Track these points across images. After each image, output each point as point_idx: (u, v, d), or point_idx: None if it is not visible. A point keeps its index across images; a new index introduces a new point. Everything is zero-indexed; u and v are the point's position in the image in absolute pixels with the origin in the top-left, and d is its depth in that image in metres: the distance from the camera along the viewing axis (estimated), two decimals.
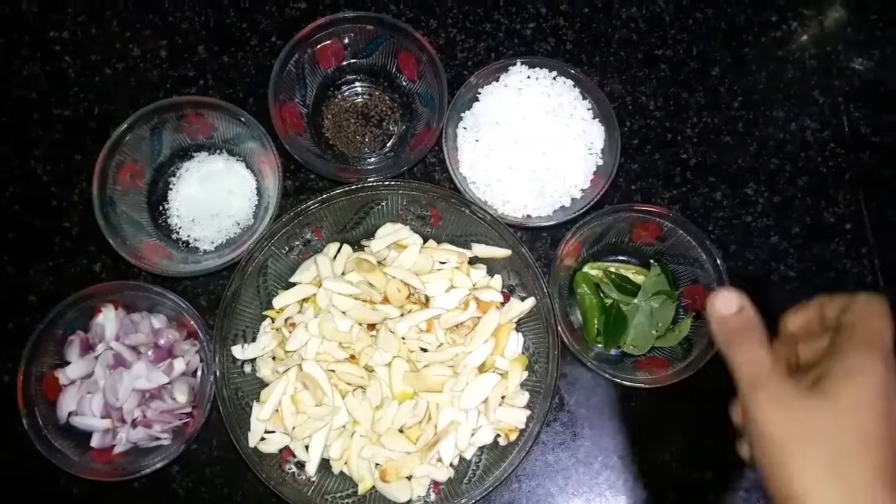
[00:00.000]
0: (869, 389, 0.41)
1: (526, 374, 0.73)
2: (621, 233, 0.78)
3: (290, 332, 0.72)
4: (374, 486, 0.71)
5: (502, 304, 0.74)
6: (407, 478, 0.71)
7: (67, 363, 0.73)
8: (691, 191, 0.83)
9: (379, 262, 0.75)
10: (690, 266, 0.76)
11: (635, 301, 0.77)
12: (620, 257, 0.80)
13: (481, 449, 0.73)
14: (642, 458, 0.78)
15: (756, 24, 0.87)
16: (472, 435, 0.71)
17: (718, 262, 0.73)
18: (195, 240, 0.79)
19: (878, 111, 0.86)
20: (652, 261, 0.78)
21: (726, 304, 0.44)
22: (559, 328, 0.72)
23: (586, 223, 0.74)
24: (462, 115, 0.79)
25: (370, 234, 0.78)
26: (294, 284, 0.75)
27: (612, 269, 0.78)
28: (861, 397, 0.41)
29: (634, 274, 0.79)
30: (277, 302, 0.74)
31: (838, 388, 0.41)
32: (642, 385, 0.73)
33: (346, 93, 0.83)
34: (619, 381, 0.73)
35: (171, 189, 0.79)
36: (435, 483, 0.72)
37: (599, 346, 0.77)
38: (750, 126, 0.85)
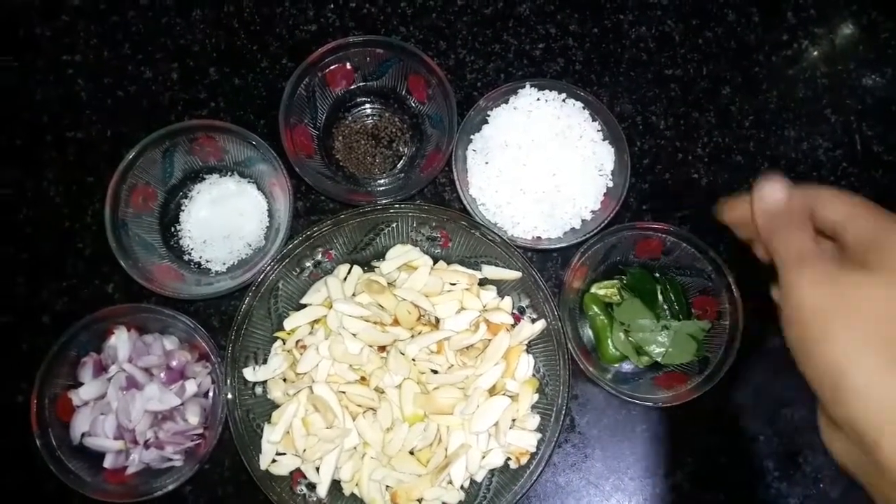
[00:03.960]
0: None
1: (536, 396, 0.73)
2: (625, 251, 0.78)
3: (301, 354, 0.73)
4: None
5: (513, 326, 0.74)
6: (417, 500, 0.71)
7: (80, 384, 0.73)
8: (702, 210, 0.83)
9: (389, 284, 0.75)
10: (698, 277, 0.76)
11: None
12: (624, 276, 0.80)
13: (492, 472, 0.73)
14: (654, 479, 0.78)
15: (767, 43, 0.87)
16: (483, 458, 0.71)
17: (724, 269, 0.73)
18: (207, 261, 0.79)
19: (890, 129, 0.85)
20: (624, 292, 0.77)
21: (773, 191, 0.44)
22: (572, 351, 0.72)
23: (590, 246, 0.74)
24: (472, 137, 0.79)
25: (380, 256, 0.78)
26: (305, 306, 0.76)
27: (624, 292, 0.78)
28: None
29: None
30: (288, 324, 0.74)
31: (886, 260, 0.40)
32: (662, 404, 0.73)
33: (357, 115, 0.83)
34: (637, 401, 0.72)
35: (182, 211, 0.80)
36: None
37: (615, 366, 0.77)
38: (761, 145, 0.85)
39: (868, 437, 0.38)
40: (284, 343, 0.74)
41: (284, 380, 0.73)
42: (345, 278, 0.76)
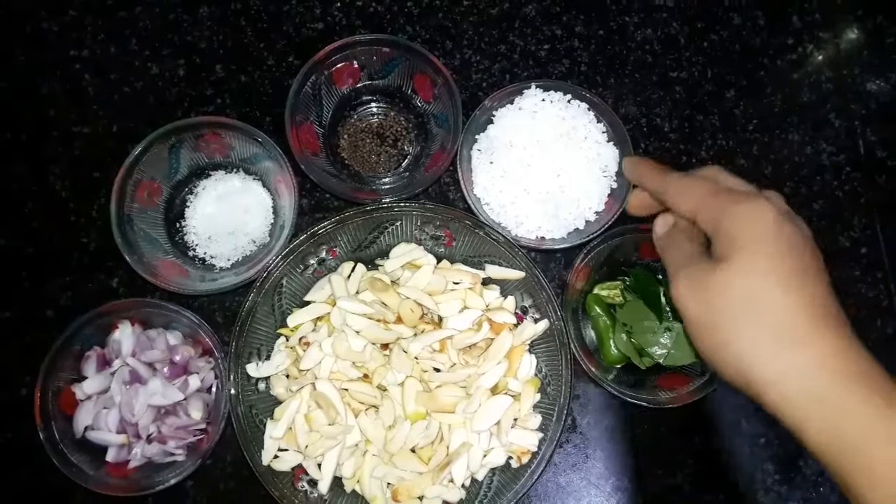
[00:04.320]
0: (755, 241, 0.43)
1: (538, 396, 0.74)
2: (629, 252, 0.78)
3: (304, 351, 0.73)
4: None
5: (515, 325, 0.74)
6: (419, 498, 0.71)
7: (84, 378, 0.73)
8: None
9: (393, 282, 0.76)
10: None
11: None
12: (627, 278, 0.80)
13: (493, 470, 0.73)
14: (654, 480, 0.78)
15: (771, 47, 0.87)
16: (485, 456, 0.72)
17: None
18: (211, 257, 0.79)
19: (894, 134, 0.85)
20: (627, 293, 0.78)
21: (662, 224, 0.52)
22: (575, 352, 0.72)
23: (593, 247, 0.75)
24: (476, 137, 0.79)
25: (384, 254, 0.78)
26: (308, 303, 0.76)
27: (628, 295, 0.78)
28: (749, 258, 0.43)
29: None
30: (292, 320, 0.74)
31: (728, 248, 0.44)
32: (664, 406, 0.73)
33: (362, 113, 0.84)
34: (639, 402, 0.72)
35: (188, 207, 0.80)
36: None
37: (618, 367, 0.77)
38: (765, 149, 0.85)
39: (789, 421, 0.42)
40: (288, 340, 0.75)
41: (287, 376, 0.74)
42: (348, 276, 0.77)
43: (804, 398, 0.41)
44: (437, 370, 0.73)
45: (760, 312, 0.42)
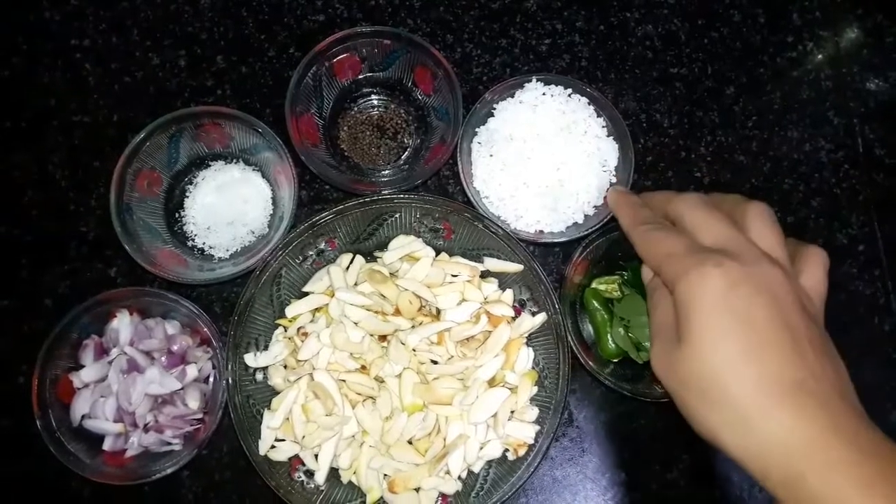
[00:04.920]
0: (709, 320, 0.41)
1: (536, 389, 0.74)
2: (627, 246, 0.77)
3: (303, 342, 0.73)
4: (382, 497, 0.71)
5: (513, 318, 0.75)
6: (415, 489, 0.71)
7: (81, 367, 0.73)
8: None
9: (391, 274, 0.76)
10: None
11: None
12: (625, 273, 0.80)
13: (489, 463, 0.73)
14: (650, 475, 0.78)
15: (771, 45, 0.88)
16: (481, 449, 0.72)
17: None
18: (210, 247, 0.79)
19: (892, 133, 0.86)
20: (625, 288, 0.77)
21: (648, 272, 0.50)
22: (572, 345, 0.72)
23: (592, 241, 0.75)
24: (477, 130, 0.79)
25: (383, 246, 0.78)
26: (307, 294, 0.76)
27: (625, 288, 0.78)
28: (698, 334, 0.41)
29: None
30: (290, 311, 0.74)
31: (686, 330, 0.42)
32: (660, 400, 0.73)
33: (362, 105, 0.84)
34: (637, 397, 0.72)
35: (187, 197, 0.80)
36: (443, 496, 0.72)
37: (615, 361, 0.77)
38: (764, 146, 0.85)
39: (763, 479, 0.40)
40: (286, 330, 0.75)
41: (285, 366, 0.74)
42: (347, 267, 0.77)
43: (778, 478, 0.39)
44: (435, 362, 0.74)
45: (719, 393, 0.40)
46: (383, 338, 0.74)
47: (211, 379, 0.75)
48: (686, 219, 0.46)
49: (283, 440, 0.72)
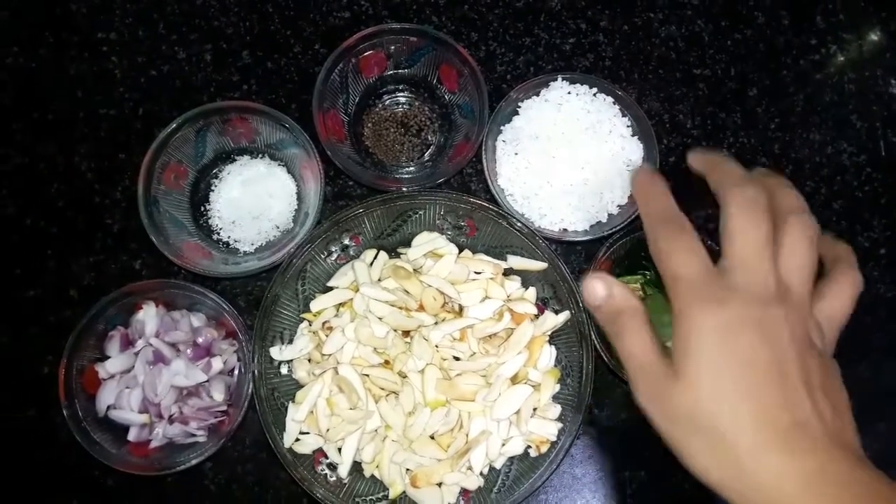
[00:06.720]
0: (709, 353, 0.39)
1: (558, 386, 0.74)
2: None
3: (327, 336, 0.73)
4: (404, 491, 0.72)
5: (536, 316, 0.75)
6: (437, 484, 0.72)
7: (107, 357, 0.74)
8: None
9: (415, 270, 0.76)
10: None
11: None
12: (648, 272, 0.80)
13: (511, 459, 0.74)
14: (671, 474, 0.78)
15: (795, 47, 0.88)
16: (503, 445, 0.72)
17: None
18: (235, 241, 0.80)
19: None
20: (648, 288, 0.78)
21: (591, 293, 0.43)
22: (595, 344, 0.73)
23: (615, 241, 0.75)
24: (502, 128, 0.80)
25: (406, 242, 0.79)
26: (331, 288, 0.76)
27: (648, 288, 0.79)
28: (694, 370, 0.39)
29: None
30: (315, 305, 0.75)
31: (682, 365, 0.40)
32: None
33: (387, 102, 0.84)
34: None
35: (212, 191, 0.81)
36: (464, 491, 0.73)
37: None
38: (786, 148, 0.85)
39: None
40: (311, 324, 0.75)
41: (310, 360, 0.74)
42: (371, 263, 0.77)
43: None
44: (457, 358, 0.74)
45: (711, 434, 0.39)
46: (406, 333, 0.74)
47: (235, 371, 0.76)
48: (727, 215, 0.43)
49: (308, 433, 0.72)
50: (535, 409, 0.73)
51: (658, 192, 0.46)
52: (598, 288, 0.43)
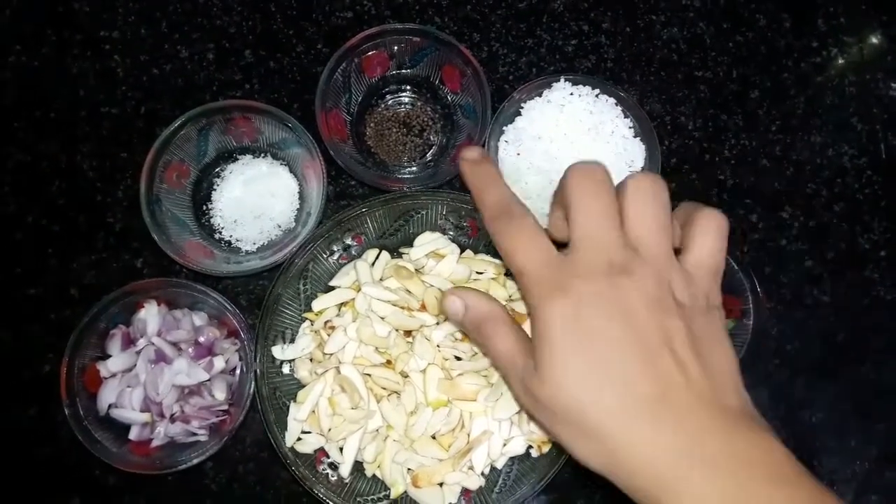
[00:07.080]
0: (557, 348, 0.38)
1: None
2: None
3: (329, 335, 0.73)
4: (405, 491, 0.72)
5: None
6: (438, 484, 0.72)
7: (108, 356, 0.74)
8: (727, 212, 0.82)
9: (417, 270, 0.76)
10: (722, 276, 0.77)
11: None
12: None
13: (512, 459, 0.74)
14: None
15: (796, 50, 0.88)
16: (505, 445, 0.72)
17: (748, 269, 0.75)
18: (237, 240, 0.80)
19: None
20: None
21: (450, 310, 0.44)
22: None
23: None
24: (504, 128, 0.80)
25: (409, 242, 0.79)
26: (333, 288, 0.76)
27: None
28: (549, 358, 0.38)
29: None
30: (317, 305, 0.75)
31: (538, 360, 0.39)
32: None
33: (390, 102, 0.84)
34: None
35: (214, 190, 0.81)
36: (466, 491, 0.73)
37: None
38: (787, 150, 0.85)
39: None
40: (312, 324, 0.75)
41: (311, 359, 0.74)
42: (373, 263, 0.77)
43: (652, 499, 0.37)
44: (459, 358, 0.74)
45: (579, 420, 0.38)
46: (408, 333, 0.74)
47: (237, 371, 0.76)
48: (565, 194, 0.42)
49: (309, 432, 0.72)
50: None
51: (490, 181, 0.44)
52: (455, 303, 0.43)
